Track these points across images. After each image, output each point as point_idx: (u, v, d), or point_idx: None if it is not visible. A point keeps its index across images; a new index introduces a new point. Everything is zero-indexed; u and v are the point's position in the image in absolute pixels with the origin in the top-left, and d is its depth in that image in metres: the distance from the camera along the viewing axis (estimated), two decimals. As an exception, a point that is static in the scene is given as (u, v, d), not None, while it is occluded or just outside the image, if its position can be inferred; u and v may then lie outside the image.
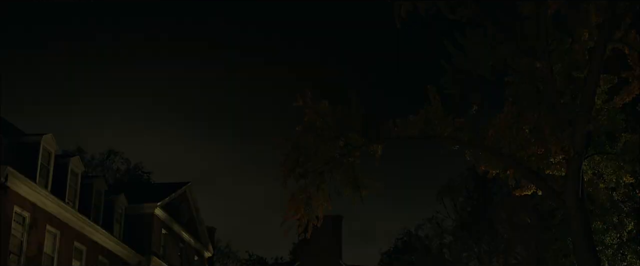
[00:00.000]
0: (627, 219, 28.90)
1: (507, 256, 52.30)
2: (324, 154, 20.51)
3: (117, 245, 35.49)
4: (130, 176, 61.15)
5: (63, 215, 30.81)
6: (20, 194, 27.85)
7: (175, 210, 41.83)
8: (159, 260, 38.73)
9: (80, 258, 32.58)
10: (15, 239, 27.78)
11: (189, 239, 43.83)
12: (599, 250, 26.84)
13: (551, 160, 21.25)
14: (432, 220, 60.24)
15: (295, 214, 20.38)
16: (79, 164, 33.14)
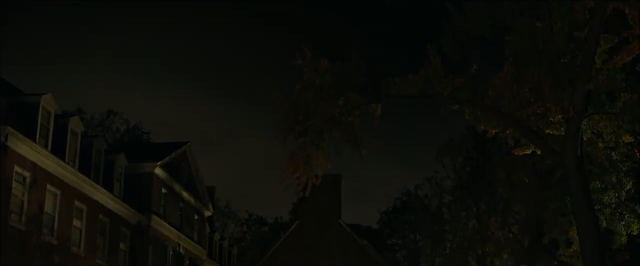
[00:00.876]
0: (625, 178, 29.02)
1: (506, 216, 52.59)
2: (323, 113, 20.50)
3: (117, 204, 35.67)
4: (130, 136, 61.22)
5: (63, 175, 30.91)
6: (21, 154, 27.90)
7: (175, 169, 41.96)
8: (159, 219, 38.97)
9: (80, 217, 32.76)
10: (16, 198, 27.89)
11: (189, 198, 44.04)
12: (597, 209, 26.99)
13: (550, 120, 21.26)
14: (431, 180, 60.54)
15: (294, 172, 20.44)
16: (79, 124, 33.14)
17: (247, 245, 71.51)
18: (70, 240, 31.54)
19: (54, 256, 30.20)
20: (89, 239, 33.28)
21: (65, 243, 31.11)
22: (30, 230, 28.45)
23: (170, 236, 40.67)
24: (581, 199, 20.12)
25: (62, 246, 30.77)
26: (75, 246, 32.03)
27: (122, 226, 36.60)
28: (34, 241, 28.70)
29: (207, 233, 48.52)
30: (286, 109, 20.75)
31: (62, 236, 30.86)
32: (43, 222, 29.55)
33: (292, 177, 20.57)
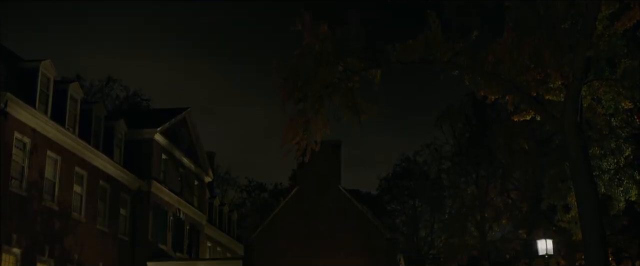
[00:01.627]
0: (624, 145, 29.07)
1: (505, 182, 52.83)
2: (323, 78, 20.46)
3: (117, 170, 35.77)
4: (130, 103, 61.19)
5: (63, 141, 30.95)
6: (20, 120, 27.90)
7: (175, 136, 42.01)
8: (159, 185, 39.10)
9: (81, 183, 32.87)
10: (17, 164, 27.96)
11: (189, 164, 44.15)
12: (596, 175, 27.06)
13: (550, 86, 21.26)
14: (431, 146, 60.71)
15: (294, 138, 20.45)
16: (78, 90, 33.09)
17: (247, 211, 71.86)
18: (71, 206, 31.69)
19: (55, 222, 30.37)
20: (90, 205, 33.44)
21: (66, 208, 31.26)
22: (31, 195, 28.57)
23: (171, 202, 40.86)
24: (580, 165, 20.18)
25: (62, 212, 30.93)
26: (76, 212, 32.19)
27: (123, 192, 36.76)
28: (34, 207, 28.84)
29: (207, 199, 48.74)
30: (286, 75, 20.70)
31: (63, 202, 31.01)
32: (43, 188, 29.66)
33: (291, 142, 20.59)
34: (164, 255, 39.11)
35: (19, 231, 27.63)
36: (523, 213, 50.53)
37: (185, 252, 42.62)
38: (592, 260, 19.73)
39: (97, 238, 34.02)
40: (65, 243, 31.08)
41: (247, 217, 69.64)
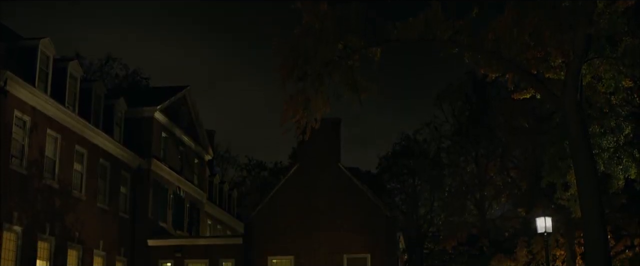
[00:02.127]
0: (624, 123, 29.08)
1: (505, 160, 52.80)
2: (323, 57, 20.41)
3: (117, 148, 35.80)
4: (129, 81, 61.10)
5: (63, 119, 30.95)
6: (20, 98, 27.88)
7: (174, 113, 42.00)
8: (159, 163, 39.15)
9: (81, 161, 32.92)
10: (17, 143, 27.99)
11: (189, 142, 44.18)
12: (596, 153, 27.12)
13: (551, 64, 21.25)
14: (430, 125, 60.69)
15: (294, 116, 20.45)
16: (78, 68, 33.04)
17: (247, 190, 72.00)
18: (71, 184, 31.76)
19: (56, 200, 30.46)
20: (90, 183, 33.51)
21: (67, 186, 31.34)
22: (31, 173, 28.63)
23: (171, 180, 40.93)
24: (580, 143, 20.22)
25: (63, 190, 31.01)
26: (76, 190, 32.27)
27: (123, 170, 36.82)
28: (35, 185, 28.91)
29: (207, 177, 48.84)
30: (286, 54, 20.65)
31: (63, 180, 31.08)
32: (44, 166, 29.72)
33: (291, 120, 20.60)
34: (164, 233, 39.26)
35: (20, 209, 27.72)
36: (522, 192, 50.59)
37: (185, 230, 42.77)
38: (591, 238, 19.84)
39: (98, 216, 34.14)
40: (65, 221, 31.19)
41: (247, 195, 69.79)
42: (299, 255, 36.01)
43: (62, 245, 30.91)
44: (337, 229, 36.01)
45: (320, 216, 36.26)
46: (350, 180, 36.79)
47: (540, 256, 43.26)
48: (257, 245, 36.32)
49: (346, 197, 36.41)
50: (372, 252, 35.57)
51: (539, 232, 27.91)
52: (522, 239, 45.66)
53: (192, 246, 37.76)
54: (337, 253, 35.77)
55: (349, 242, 35.85)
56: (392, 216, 36.78)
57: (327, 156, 36.90)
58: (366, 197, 36.50)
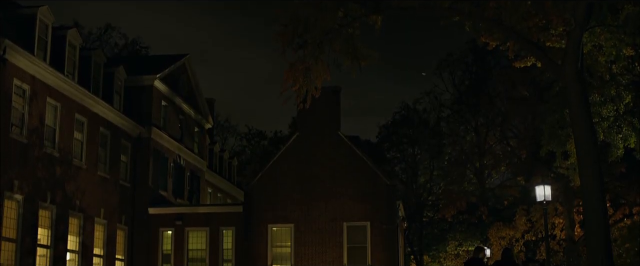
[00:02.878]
0: (624, 92, 29.02)
1: (504, 129, 52.93)
2: (323, 25, 20.31)
3: (117, 117, 35.80)
4: (129, 51, 60.93)
5: (63, 87, 30.90)
6: (19, 67, 27.82)
7: (174, 82, 41.93)
8: (159, 131, 39.17)
9: (81, 129, 32.95)
10: (17, 111, 27.98)
11: (188, 110, 44.17)
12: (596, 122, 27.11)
13: (551, 32, 21.17)
14: (430, 94, 60.70)
15: (294, 84, 20.41)
16: (77, 36, 32.92)
17: (247, 159, 72.14)
18: (71, 153, 31.81)
19: (56, 168, 30.53)
20: (90, 151, 33.57)
21: (67, 155, 31.39)
22: (31, 142, 28.66)
23: (171, 148, 40.99)
24: (580, 112, 20.20)
25: (63, 159, 31.07)
26: (76, 159, 32.33)
27: (123, 139, 36.87)
28: (35, 154, 28.96)
29: (207, 145, 48.90)
30: (286, 21, 20.55)
31: (64, 149, 31.13)
32: (44, 135, 29.74)
33: (291, 89, 20.56)
34: (164, 201, 39.41)
35: (20, 178, 27.80)
36: (522, 160, 50.74)
37: (185, 198, 42.93)
38: (590, 206, 19.90)
39: (98, 185, 34.25)
40: (66, 189, 31.30)
41: (247, 165, 69.95)
42: (298, 223, 36.21)
43: (63, 213, 31.05)
44: (337, 197, 36.15)
45: (320, 185, 36.38)
46: (350, 149, 36.85)
47: (539, 225, 43.57)
48: (257, 213, 36.49)
49: (346, 165, 36.49)
50: (372, 220, 35.75)
51: (538, 200, 28.00)
52: (521, 207, 45.93)
53: (193, 214, 37.93)
54: (337, 221, 35.95)
55: (348, 210, 36.01)
56: (391, 185, 36.88)
57: (327, 124, 36.92)
58: (366, 165, 36.58)
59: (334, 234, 35.89)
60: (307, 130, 37.15)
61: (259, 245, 36.19)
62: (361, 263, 35.57)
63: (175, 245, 37.25)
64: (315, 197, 36.30)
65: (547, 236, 27.86)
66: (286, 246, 36.38)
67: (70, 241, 31.75)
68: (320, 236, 35.93)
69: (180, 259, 37.05)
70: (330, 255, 35.67)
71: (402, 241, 42.18)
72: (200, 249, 37.23)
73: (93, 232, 33.71)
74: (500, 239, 47.08)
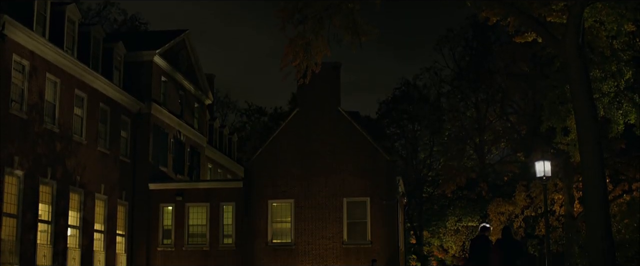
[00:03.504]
0: (625, 67, 28.99)
1: (504, 105, 52.90)
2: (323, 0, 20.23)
3: (117, 93, 35.75)
4: (128, 27, 60.67)
5: (62, 63, 30.83)
6: (18, 42, 27.72)
7: (174, 57, 41.83)
8: (159, 107, 39.14)
9: (81, 105, 32.91)
10: (16, 87, 27.94)
11: (188, 86, 44.10)
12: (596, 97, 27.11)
13: (553, 7, 21.09)
14: (430, 70, 60.57)
15: (294, 60, 20.35)
16: (76, 12, 32.77)
17: (246, 135, 72.14)
18: (71, 128, 31.81)
19: (56, 144, 30.54)
20: (90, 127, 33.57)
21: (67, 131, 31.39)
22: (31, 118, 28.65)
23: (171, 124, 40.99)
24: (580, 87, 20.20)
25: (64, 134, 31.07)
26: (76, 134, 32.34)
27: (123, 115, 36.85)
28: (35, 130, 28.95)
29: (207, 121, 48.90)
30: (286, -3, 20.46)
31: (64, 124, 31.11)
32: (44, 110, 29.72)
33: (291, 64, 20.50)
34: (165, 177, 39.48)
35: (21, 154, 27.82)
36: (521, 136, 50.77)
37: (186, 174, 43.00)
38: (589, 182, 19.96)
39: (99, 160, 34.28)
40: (67, 165, 31.34)
41: (247, 141, 69.97)
42: (298, 199, 36.30)
43: (64, 188, 31.11)
44: (337, 173, 36.22)
45: (320, 160, 36.42)
46: (350, 124, 36.84)
47: (538, 200, 43.64)
48: (258, 188, 36.57)
49: (346, 141, 36.51)
50: (372, 196, 35.83)
51: (537, 176, 28.00)
52: (520, 183, 45.99)
53: (193, 190, 38.02)
54: (337, 197, 36.05)
55: (348, 186, 36.09)
56: (391, 161, 36.92)
57: (327, 100, 36.88)
58: (366, 140, 36.60)
59: (334, 209, 36.00)
60: (307, 106, 37.12)
61: (259, 220, 36.33)
62: (361, 239, 35.72)
63: (175, 221, 37.39)
64: (315, 173, 36.37)
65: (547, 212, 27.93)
66: (286, 221, 36.50)
67: (71, 217, 31.86)
68: (320, 212, 36.04)
69: (181, 234, 37.21)
70: (330, 231, 35.81)
71: (402, 216, 42.30)
72: (201, 224, 37.38)
73: (94, 208, 33.81)
74: (500, 215, 47.20)
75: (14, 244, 27.32)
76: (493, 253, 17.41)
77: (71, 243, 31.88)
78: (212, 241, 37.02)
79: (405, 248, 47.18)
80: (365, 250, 35.42)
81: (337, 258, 35.51)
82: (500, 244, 17.60)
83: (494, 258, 17.27)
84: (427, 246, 60.85)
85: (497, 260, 17.25)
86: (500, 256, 17.28)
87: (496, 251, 17.47)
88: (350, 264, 34.99)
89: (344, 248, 35.65)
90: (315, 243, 35.81)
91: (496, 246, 17.65)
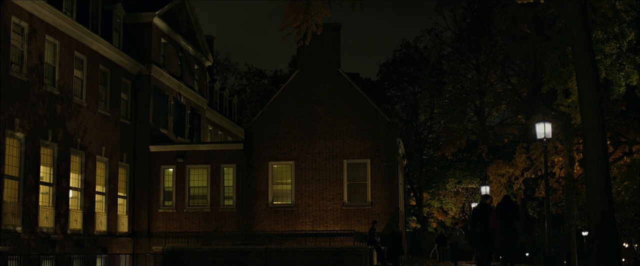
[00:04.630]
0: (628, 29, 28.83)
1: (505, 67, 52.75)
2: (324, -40, 20.07)
3: (116, 54, 35.64)
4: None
5: (61, 25, 30.67)
6: (17, 4, 27.55)
7: (174, 19, 41.59)
8: (159, 69, 39.04)
9: (81, 67, 32.83)
10: (16, 49, 27.84)
11: (188, 48, 43.93)
12: (598, 59, 27.01)
13: (556, -33, 20.90)
14: (431, 32, 60.25)
15: (294, 21, 20.24)
16: (74, -27, 32.55)
17: (247, 98, 72.07)
18: (72, 90, 31.77)
19: (57, 106, 30.53)
20: (91, 89, 33.52)
21: (67, 93, 31.35)
22: (31, 80, 28.59)
23: (171, 86, 40.91)
24: (582, 48, 20.11)
25: (64, 97, 31.04)
26: (77, 97, 32.30)
27: (123, 77, 36.77)
28: (36, 92, 28.91)
29: (207, 83, 48.79)
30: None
31: (64, 87, 31.07)
32: (44, 73, 29.66)
33: (292, 25, 20.39)
34: (165, 139, 39.52)
35: (21, 116, 27.82)
36: (522, 99, 50.71)
37: (186, 136, 43.03)
38: (590, 144, 19.97)
39: (99, 122, 34.30)
40: (67, 127, 31.35)
41: (247, 103, 69.91)
42: (299, 161, 36.38)
43: (65, 151, 31.17)
44: (337, 135, 36.25)
45: (320, 122, 36.44)
46: (351, 86, 36.78)
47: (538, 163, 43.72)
48: (258, 150, 36.64)
49: (346, 102, 36.48)
50: (372, 158, 35.91)
51: (538, 138, 27.95)
52: (521, 145, 46.03)
53: (194, 151, 38.08)
54: (337, 159, 36.13)
55: (349, 147, 36.14)
56: (392, 122, 36.92)
57: (327, 62, 36.77)
58: (366, 102, 36.56)
59: (334, 171, 36.10)
60: (307, 68, 37.03)
61: (259, 182, 36.45)
62: (361, 200, 35.87)
63: (176, 183, 37.52)
64: (315, 135, 36.40)
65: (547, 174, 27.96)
66: (287, 183, 36.63)
67: (72, 179, 31.97)
68: (320, 174, 36.15)
69: (182, 196, 37.37)
70: (331, 192, 35.94)
71: (402, 178, 42.42)
72: (202, 186, 37.52)
73: (95, 170, 33.90)
74: (500, 177, 47.34)
75: (16, 206, 27.46)
76: (493, 214, 18.64)
77: (73, 205, 32.04)
78: (213, 203, 37.20)
79: (405, 209, 47.42)
80: (365, 212, 35.60)
81: (337, 219, 35.70)
82: (500, 208, 18.70)
83: (493, 219, 18.46)
84: (427, 207, 61.16)
85: (496, 220, 18.39)
86: (499, 217, 18.41)
87: (496, 213, 18.60)
88: (350, 225, 35.17)
89: (344, 209, 35.82)
90: (315, 204, 35.98)
91: (496, 210, 18.77)
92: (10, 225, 27.01)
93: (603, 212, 19.36)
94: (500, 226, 18.46)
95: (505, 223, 18.42)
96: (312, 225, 35.62)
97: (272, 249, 30.67)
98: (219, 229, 36.43)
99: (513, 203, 18.89)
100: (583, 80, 20.18)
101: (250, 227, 35.90)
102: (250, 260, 30.28)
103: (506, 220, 18.40)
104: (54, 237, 29.83)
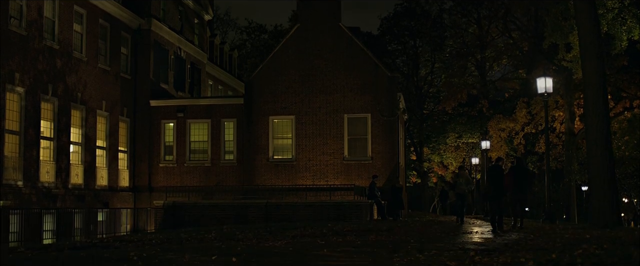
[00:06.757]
0: (630, -18, 28.52)
1: (506, 22, 52.40)
2: None
3: (116, 8, 35.40)
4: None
5: (60, -22, 30.45)
6: (15, -44, 27.35)
7: (173, -26, 41.26)
8: (159, 23, 38.82)
9: (80, 21, 32.66)
10: (15, 3, 27.64)
11: (188, 1, 43.63)
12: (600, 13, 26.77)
13: None
14: (433, -15, 59.66)
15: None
16: None
17: (247, 53, 71.75)
18: (71, 45, 31.63)
19: (57, 61, 30.43)
20: (90, 44, 33.38)
21: (67, 47, 31.22)
22: (31, 34, 28.45)
23: (171, 41, 40.72)
24: (584, 2, 19.93)
25: (64, 51, 30.92)
26: (77, 51, 32.18)
27: (123, 31, 36.58)
28: (35, 46, 28.80)
29: (207, 37, 48.57)
30: None
31: (64, 41, 30.93)
32: (43, 27, 29.50)
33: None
34: (165, 94, 39.48)
35: (21, 71, 27.75)
36: (523, 53, 50.49)
37: (186, 91, 42.98)
38: (591, 99, 19.91)
39: (99, 77, 34.23)
40: (68, 82, 31.30)
41: (247, 59, 69.63)
42: (299, 115, 36.37)
43: (66, 105, 31.16)
44: (338, 89, 36.18)
45: (320, 77, 36.34)
46: (351, 40, 36.59)
47: (539, 117, 43.76)
48: (258, 105, 36.62)
49: (347, 56, 36.34)
50: (372, 112, 35.90)
51: (539, 93, 27.89)
52: (521, 100, 45.98)
53: (194, 106, 38.07)
54: (338, 113, 36.12)
55: (349, 102, 36.11)
56: (392, 76, 36.82)
57: (327, 16, 36.53)
58: (367, 56, 36.42)
59: (334, 125, 36.12)
60: (307, 22, 36.80)
61: (260, 136, 36.50)
62: (361, 155, 35.95)
63: (177, 137, 37.59)
64: (316, 89, 36.34)
65: (547, 128, 27.95)
66: (287, 137, 36.68)
67: (73, 134, 32.02)
68: (321, 128, 36.17)
69: (183, 150, 37.46)
70: (331, 147, 36.01)
71: (403, 133, 42.46)
72: (202, 141, 37.59)
73: (95, 124, 33.94)
74: (500, 131, 47.40)
75: (17, 161, 27.56)
76: (507, 176, 20.59)
77: (74, 159, 32.14)
78: (214, 157, 37.30)
79: (405, 164, 47.55)
80: (365, 166, 35.70)
81: (337, 173, 35.82)
82: (513, 170, 21.02)
83: (508, 180, 20.50)
84: (427, 162, 61.31)
85: (510, 181, 20.53)
86: (512, 178, 20.60)
87: (510, 175, 20.80)
88: (350, 180, 35.31)
89: (345, 163, 35.92)
90: (316, 159, 36.07)
91: (510, 172, 21.05)
92: (12, 180, 27.14)
93: (603, 167, 19.39)
94: (513, 186, 20.51)
95: (518, 182, 20.51)
96: (312, 180, 35.76)
97: (273, 203, 30.85)
98: (219, 183, 36.59)
99: (525, 167, 20.13)
100: (584, 35, 20.05)
101: (250, 181, 36.04)
102: (251, 214, 30.51)
103: (519, 180, 20.52)
104: (55, 191, 29.99)
